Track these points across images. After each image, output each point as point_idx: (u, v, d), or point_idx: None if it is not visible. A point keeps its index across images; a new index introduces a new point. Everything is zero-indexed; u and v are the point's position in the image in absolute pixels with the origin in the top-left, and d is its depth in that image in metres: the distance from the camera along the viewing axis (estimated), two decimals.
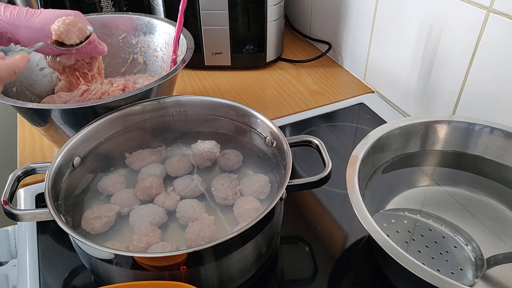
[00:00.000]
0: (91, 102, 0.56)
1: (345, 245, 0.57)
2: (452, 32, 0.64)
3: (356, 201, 0.47)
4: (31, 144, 0.75)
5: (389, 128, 0.57)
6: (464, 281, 0.48)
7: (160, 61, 0.77)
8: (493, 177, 0.58)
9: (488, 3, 0.57)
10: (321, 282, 0.52)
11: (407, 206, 0.57)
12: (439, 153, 0.61)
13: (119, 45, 0.78)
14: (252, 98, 0.85)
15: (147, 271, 0.42)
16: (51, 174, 0.48)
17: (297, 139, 0.53)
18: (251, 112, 0.57)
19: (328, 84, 0.89)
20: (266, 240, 0.49)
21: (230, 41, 0.88)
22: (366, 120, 0.78)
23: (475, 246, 0.51)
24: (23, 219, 0.46)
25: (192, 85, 0.90)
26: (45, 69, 0.73)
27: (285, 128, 0.77)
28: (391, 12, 0.76)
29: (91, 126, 0.55)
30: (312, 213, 0.61)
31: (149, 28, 0.76)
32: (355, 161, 0.52)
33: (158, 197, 0.53)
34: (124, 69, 0.80)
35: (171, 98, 0.60)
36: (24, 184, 0.66)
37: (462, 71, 0.64)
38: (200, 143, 0.58)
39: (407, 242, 0.52)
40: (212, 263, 0.44)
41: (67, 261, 0.55)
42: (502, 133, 0.56)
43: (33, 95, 0.70)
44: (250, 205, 0.51)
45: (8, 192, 0.48)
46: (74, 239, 0.45)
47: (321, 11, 0.97)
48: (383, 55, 0.81)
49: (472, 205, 0.56)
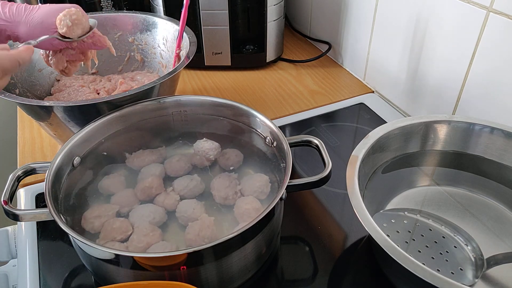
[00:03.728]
0: (93, 100, 0.56)
1: (345, 245, 0.57)
2: (452, 32, 0.64)
3: (356, 201, 0.47)
4: (31, 144, 0.75)
5: (389, 128, 0.57)
6: (464, 281, 0.48)
7: (158, 57, 0.77)
8: (493, 177, 0.58)
9: (488, 3, 0.57)
10: (321, 282, 0.52)
11: (407, 206, 0.57)
12: (439, 153, 0.61)
13: (115, 44, 0.78)
14: (252, 98, 0.85)
15: (147, 271, 0.42)
16: (51, 174, 0.48)
17: (297, 139, 0.53)
18: (251, 112, 0.57)
19: (328, 84, 0.89)
20: (266, 240, 0.49)
21: (230, 41, 0.88)
22: (366, 120, 0.78)
23: (475, 246, 0.51)
24: (23, 219, 0.46)
25: (192, 85, 0.90)
26: (43, 70, 0.73)
27: (285, 128, 0.77)
28: (391, 12, 0.76)
29: (91, 126, 0.55)
30: (312, 213, 0.61)
31: (145, 26, 0.77)
32: (355, 161, 0.52)
33: (158, 197, 0.53)
34: (121, 68, 0.80)
35: (171, 98, 0.60)
36: (24, 184, 0.66)
37: (462, 71, 0.64)
38: (205, 141, 0.58)
39: (407, 242, 0.52)
40: (212, 263, 0.44)
41: (67, 261, 0.55)
42: (502, 133, 0.56)
43: (34, 96, 0.71)
44: (250, 205, 0.51)
45: (8, 192, 0.48)
46: (74, 239, 0.45)
47: (321, 11, 0.97)
48: (383, 55, 0.81)
49: (472, 205, 0.56)
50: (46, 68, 0.73)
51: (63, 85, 0.73)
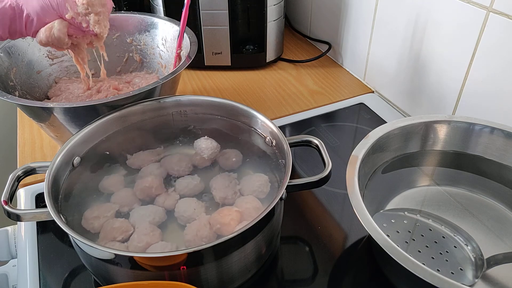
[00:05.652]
0: (94, 101, 0.57)
1: (345, 245, 0.57)
2: (452, 32, 0.64)
3: (356, 201, 0.47)
4: (31, 144, 0.75)
5: (389, 128, 0.57)
6: (464, 281, 0.48)
7: (158, 58, 0.77)
8: (493, 177, 0.58)
9: (488, 3, 0.57)
10: (321, 282, 0.52)
11: (407, 206, 0.57)
12: (439, 153, 0.61)
13: (113, 44, 0.78)
14: (252, 98, 0.85)
15: (147, 271, 0.42)
16: (51, 174, 0.48)
17: (297, 139, 0.53)
18: (251, 112, 0.57)
19: (328, 84, 0.89)
20: (266, 240, 0.49)
21: (230, 41, 0.88)
22: (366, 120, 0.79)
23: (475, 246, 0.51)
24: (23, 219, 0.46)
25: (192, 85, 0.90)
26: (42, 72, 0.73)
27: (285, 128, 0.77)
28: (391, 12, 0.76)
29: (91, 126, 0.55)
30: (312, 213, 0.61)
31: (144, 26, 0.77)
32: (355, 161, 0.52)
33: (158, 197, 0.53)
34: (119, 68, 0.80)
35: (171, 98, 0.60)
36: (24, 184, 0.66)
37: (462, 71, 0.64)
38: (205, 139, 0.58)
39: (407, 242, 0.52)
40: (212, 263, 0.44)
41: (67, 261, 0.55)
42: (502, 133, 0.56)
43: (33, 98, 0.71)
44: (250, 205, 0.51)
45: (8, 192, 0.47)
46: (74, 239, 0.45)
47: (321, 11, 0.97)
48: (383, 55, 0.81)
49: (472, 205, 0.56)
50: (45, 70, 0.74)
51: (58, 89, 0.73)
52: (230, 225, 0.48)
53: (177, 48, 0.69)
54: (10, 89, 0.66)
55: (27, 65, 0.71)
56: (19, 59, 0.69)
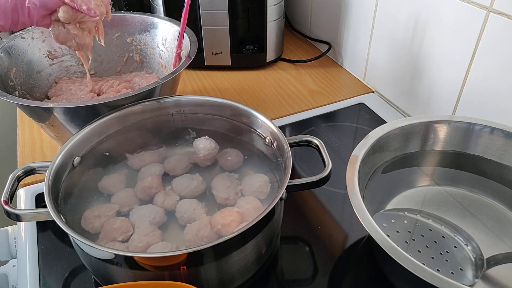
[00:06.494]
0: (94, 101, 0.56)
1: (345, 245, 0.57)
2: (452, 32, 0.64)
3: (356, 201, 0.47)
4: (31, 144, 0.75)
5: (389, 128, 0.57)
6: (464, 281, 0.48)
7: (158, 58, 0.77)
8: (493, 177, 0.58)
9: (488, 3, 0.57)
10: (321, 282, 0.52)
11: (407, 206, 0.57)
12: (439, 153, 0.61)
13: (113, 44, 0.78)
14: (252, 98, 0.85)
15: (147, 271, 0.42)
16: (51, 174, 0.48)
17: (297, 139, 0.53)
18: (251, 112, 0.57)
19: (328, 84, 0.89)
20: (266, 240, 0.49)
21: (230, 41, 0.88)
22: (366, 120, 0.78)
23: (475, 246, 0.51)
24: (23, 219, 0.46)
25: (192, 85, 0.90)
26: (42, 72, 0.73)
27: (285, 128, 0.77)
28: (391, 12, 0.76)
29: (91, 126, 0.55)
30: (312, 213, 0.61)
31: (144, 26, 0.77)
32: (355, 161, 0.52)
33: (157, 197, 0.53)
34: (119, 68, 0.80)
35: (171, 98, 0.60)
36: (24, 184, 0.66)
37: (462, 71, 0.64)
38: (205, 139, 0.58)
39: (407, 242, 0.52)
40: (212, 263, 0.44)
41: (67, 261, 0.55)
42: (502, 133, 0.56)
43: (33, 98, 0.71)
44: (251, 205, 0.51)
45: (8, 192, 0.48)
46: (74, 239, 0.45)
47: (321, 11, 0.97)
48: (383, 55, 0.81)
49: (472, 205, 0.56)
50: (45, 70, 0.74)
51: (59, 89, 0.73)
52: (231, 225, 0.48)
53: (177, 48, 0.69)
54: (10, 89, 0.66)
55: (27, 65, 0.71)
56: (19, 59, 0.69)
